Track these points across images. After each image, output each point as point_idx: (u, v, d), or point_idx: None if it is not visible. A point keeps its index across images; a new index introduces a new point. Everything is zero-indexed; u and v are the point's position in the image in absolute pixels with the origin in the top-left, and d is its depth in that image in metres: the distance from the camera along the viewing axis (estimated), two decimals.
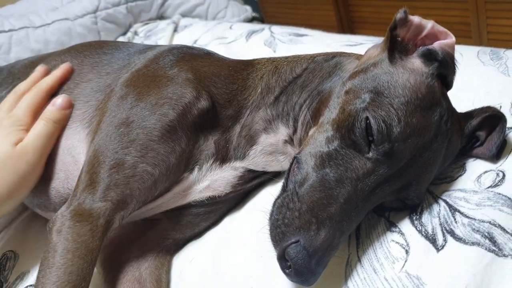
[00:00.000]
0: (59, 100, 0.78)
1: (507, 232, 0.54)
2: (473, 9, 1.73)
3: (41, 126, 0.76)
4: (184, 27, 1.62)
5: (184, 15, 1.86)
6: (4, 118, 0.79)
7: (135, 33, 1.74)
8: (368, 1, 2.12)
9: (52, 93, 0.83)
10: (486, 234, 0.55)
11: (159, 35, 1.61)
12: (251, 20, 2.06)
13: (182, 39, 1.53)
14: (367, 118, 0.56)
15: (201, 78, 0.71)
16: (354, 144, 0.57)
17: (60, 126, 0.77)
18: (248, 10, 2.07)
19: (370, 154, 0.56)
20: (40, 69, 0.88)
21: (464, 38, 1.75)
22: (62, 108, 0.78)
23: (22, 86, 0.84)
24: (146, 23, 1.80)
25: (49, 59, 0.92)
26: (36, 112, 0.79)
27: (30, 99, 0.80)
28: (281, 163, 0.73)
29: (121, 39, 1.74)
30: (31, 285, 0.76)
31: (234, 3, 2.05)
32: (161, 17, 1.88)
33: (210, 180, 0.71)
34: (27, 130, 0.76)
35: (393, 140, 0.55)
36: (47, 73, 0.87)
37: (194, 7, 1.91)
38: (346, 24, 2.24)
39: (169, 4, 1.87)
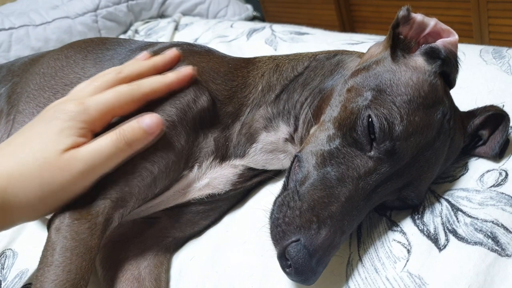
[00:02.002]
0: (148, 120, 0.60)
1: (510, 232, 0.54)
2: (475, 8, 1.73)
3: (107, 142, 0.58)
4: (185, 26, 1.62)
5: (185, 13, 1.86)
6: (76, 101, 0.60)
7: (136, 31, 1.74)
8: (370, 0, 2.12)
9: (151, 100, 0.65)
10: (489, 233, 0.54)
11: (160, 33, 1.61)
12: (252, 19, 2.06)
13: (183, 37, 1.53)
14: (369, 116, 0.56)
15: (200, 73, 0.71)
16: (355, 143, 0.56)
17: (132, 152, 0.60)
18: (249, 9, 2.07)
19: (372, 153, 0.56)
20: (170, 54, 0.70)
21: (466, 37, 1.75)
22: (148, 132, 0.60)
23: (132, 68, 0.67)
24: (147, 22, 1.80)
25: (50, 55, 0.91)
26: (114, 115, 0.62)
27: (117, 96, 0.61)
28: (282, 162, 0.72)
29: (121, 37, 1.74)
30: (30, 284, 0.75)
31: (235, 1, 2.05)
32: (161, 15, 1.88)
33: (210, 178, 0.70)
34: (91, 130, 0.60)
35: (395, 139, 0.55)
36: (175, 62, 0.71)
37: (195, 6, 1.91)
38: (347, 24, 2.24)
39: (170, 3, 1.87)
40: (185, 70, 0.67)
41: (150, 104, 0.65)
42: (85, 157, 0.57)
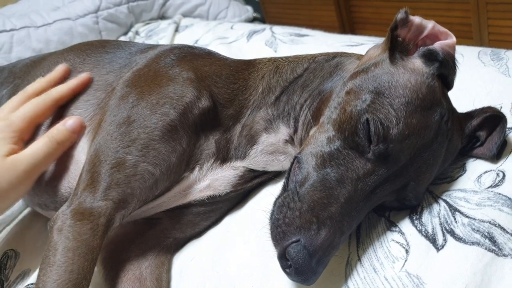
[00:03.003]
0: (71, 121, 0.72)
1: (507, 232, 0.55)
2: (474, 10, 1.73)
3: (42, 145, 0.69)
4: (185, 27, 1.63)
5: (185, 15, 1.86)
6: (1, 119, 0.73)
7: (136, 33, 1.74)
8: (369, 2, 2.12)
9: (62, 104, 0.77)
10: (486, 234, 0.55)
11: (160, 35, 1.62)
12: (252, 20, 2.06)
13: (183, 39, 1.53)
14: (367, 119, 0.56)
15: (202, 77, 0.71)
16: (355, 145, 0.57)
17: (63, 148, 0.72)
18: (249, 11, 2.07)
19: (369, 155, 0.56)
20: (60, 69, 0.82)
21: (465, 39, 1.75)
22: (72, 131, 0.72)
23: (34, 86, 0.79)
24: (147, 23, 1.81)
25: (51, 58, 0.92)
26: (36, 122, 0.74)
27: (34, 107, 0.74)
28: (282, 163, 0.73)
29: (122, 39, 1.75)
30: (32, 284, 0.76)
31: (235, 3, 2.05)
32: (162, 17, 1.89)
33: (211, 179, 0.71)
34: (21, 138, 0.71)
35: (389, 141, 0.55)
36: (66, 73, 0.83)
37: (195, 7, 1.92)
38: (347, 25, 2.24)
39: (170, 4, 1.88)
40: (83, 76, 0.79)
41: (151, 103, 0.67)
42: (26, 158, 0.68)
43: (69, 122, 0.72)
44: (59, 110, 0.79)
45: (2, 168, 0.66)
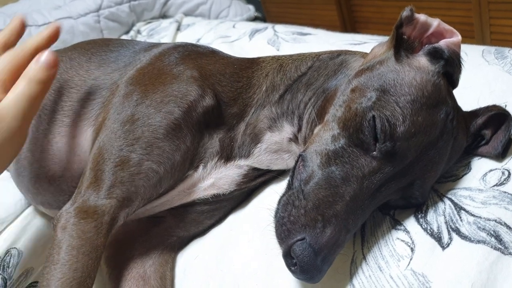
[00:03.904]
0: (43, 56, 0.65)
1: None
2: (476, 9, 1.73)
3: (22, 87, 0.63)
4: (187, 26, 1.63)
5: (187, 14, 1.86)
6: None
7: (138, 31, 1.74)
8: (371, 1, 2.12)
9: (39, 52, 0.68)
10: (492, 232, 0.55)
11: (162, 33, 1.61)
12: (254, 19, 2.06)
13: (185, 38, 1.53)
14: (373, 117, 0.56)
15: (206, 76, 0.71)
16: (360, 143, 0.57)
17: (46, 88, 0.65)
18: (251, 10, 2.07)
19: (375, 153, 0.56)
20: (16, 20, 0.75)
21: (467, 38, 1.74)
22: (47, 66, 0.65)
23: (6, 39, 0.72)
24: (149, 22, 1.80)
25: None
26: (18, 72, 0.66)
27: (11, 57, 0.67)
28: (286, 161, 0.73)
29: (124, 37, 1.74)
30: (35, 282, 0.76)
31: (237, 2, 2.05)
32: (164, 16, 1.89)
33: (215, 178, 0.71)
34: (5, 89, 0.64)
35: (396, 139, 0.55)
36: (22, 25, 0.75)
37: (197, 6, 1.92)
38: (349, 24, 2.24)
39: (172, 3, 1.87)
40: (53, 24, 0.73)
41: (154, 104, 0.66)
42: (10, 104, 0.61)
43: (42, 58, 0.65)
44: (66, 109, 0.77)
45: None
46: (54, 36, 0.73)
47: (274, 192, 0.64)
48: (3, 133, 0.60)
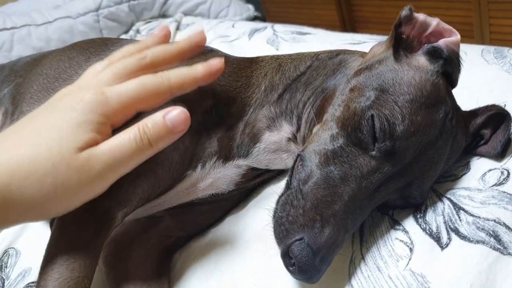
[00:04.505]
0: (174, 114, 0.53)
1: None
2: (476, 9, 1.73)
3: (127, 141, 0.51)
4: (187, 26, 1.63)
5: (186, 13, 1.86)
6: (95, 88, 0.53)
7: (137, 31, 1.74)
8: (371, 0, 2.12)
9: (177, 95, 0.58)
10: (491, 232, 0.55)
11: None
12: (253, 19, 2.06)
13: (185, 37, 1.53)
14: (372, 116, 0.56)
15: None
16: (359, 142, 0.57)
17: (155, 152, 0.54)
18: (250, 9, 2.07)
19: (374, 152, 0.56)
20: (196, 38, 0.63)
21: (467, 38, 1.75)
22: (173, 129, 0.53)
23: (156, 53, 0.60)
24: (148, 22, 1.80)
25: (52, 56, 0.91)
26: (136, 108, 0.55)
27: (143, 89, 0.54)
28: (285, 161, 0.72)
29: (123, 37, 1.74)
30: (33, 282, 0.76)
31: (237, 2, 2.05)
32: (163, 15, 1.89)
33: (213, 178, 0.71)
34: (111, 126, 0.53)
35: (395, 138, 0.55)
36: (199, 47, 0.64)
37: (196, 6, 1.92)
38: (348, 24, 2.24)
39: (171, 3, 1.87)
40: (215, 64, 0.59)
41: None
42: (104, 156, 0.51)
43: (171, 114, 0.53)
44: None
45: (71, 168, 0.49)
46: (210, 80, 0.60)
47: (272, 192, 0.64)
48: (81, 185, 0.50)
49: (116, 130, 0.54)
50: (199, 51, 0.64)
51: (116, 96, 0.53)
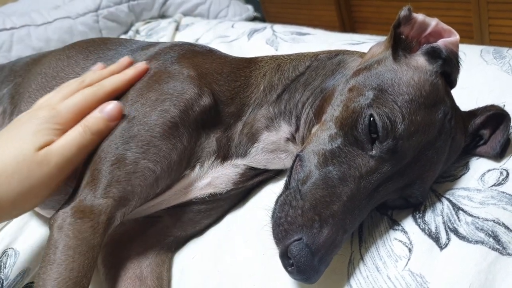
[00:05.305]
0: (109, 107, 0.66)
1: (511, 231, 0.54)
2: (475, 9, 1.73)
3: (75, 135, 0.64)
4: (186, 26, 1.62)
5: (185, 14, 1.86)
6: (47, 108, 0.66)
7: (137, 31, 1.74)
8: (370, 1, 2.12)
9: (115, 96, 0.70)
10: (490, 232, 0.55)
11: (161, 33, 1.61)
12: (253, 19, 2.06)
13: (184, 37, 1.53)
14: (371, 115, 0.56)
15: (203, 75, 0.71)
16: (357, 142, 0.57)
17: (99, 139, 0.65)
18: (249, 10, 2.07)
19: (374, 152, 0.56)
20: (124, 62, 0.76)
21: (466, 38, 1.74)
22: (109, 118, 0.65)
23: (93, 76, 0.73)
24: (148, 22, 1.80)
25: (52, 55, 0.91)
26: (84, 115, 0.67)
27: (84, 98, 0.67)
28: (283, 161, 0.72)
29: (123, 37, 1.74)
30: (31, 283, 0.76)
31: (236, 2, 2.05)
32: (162, 15, 1.88)
33: (212, 177, 0.71)
34: (64, 131, 0.64)
35: (398, 137, 0.55)
36: (127, 67, 0.75)
37: (195, 6, 1.91)
38: (348, 24, 2.24)
39: (170, 3, 1.87)
40: (141, 65, 0.73)
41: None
42: (58, 150, 0.62)
43: (106, 108, 0.66)
44: None
45: (32, 163, 0.60)
46: (135, 80, 0.72)
47: (271, 192, 0.64)
48: (42, 177, 0.61)
49: None
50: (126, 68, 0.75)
51: (65, 108, 0.66)
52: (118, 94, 0.70)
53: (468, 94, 0.76)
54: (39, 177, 0.61)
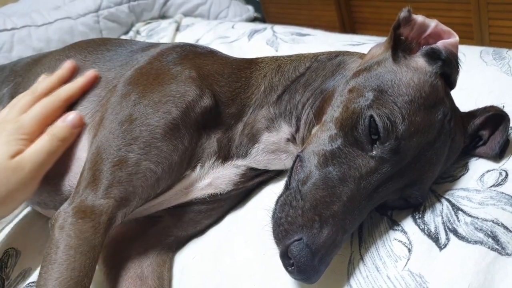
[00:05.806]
0: (71, 116, 0.73)
1: (510, 231, 0.54)
2: (475, 10, 1.73)
3: (44, 142, 0.71)
4: (186, 27, 1.63)
5: (186, 14, 1.86)
6: (11, 121, 0.73)
7: (137, 32, 1.75)
8: (370, 2, 2.12)
9: (71, 103, 0.78)
10: (489, 232, 0.55)
11: (161, 34, 1.62)
12: (253, 20, 2.06)
13: (184, 38, 1.53)
14: (371, 116, 0.56)
15: (205, 76, 0.71)
16: (357, 142, 0.57)
17: (65, 145, 0.73)
18: (250, 10, 2.08)
19: (374, 152, 0.56)
20: (67, 66, 0.83)
21: (466, 39, 1.75)
22: (72, 126, 0.73)
23: (43, 85, 0.79)
24: (148, 22, 1.81)
25: (52, 56, 0.92)
26: (46, 123, 0.74)
27: (43, 108, 0.74)
28: (284, 162, 0.73)
29: (123, 38, 1.74)
30: (33, 282, 0.76)
31: (236, 3, 2.05)
32: (163, 16, 1.89)
33: (212, 177, 0.71)
34: (31, 140, 0.71)
35: (400, 137, 0.55)
36: (74, 70, 0.83)
37: (196, 7, 1.92)
38: (348, 25, 2.24)
39: (171, 4, 1.88)
40: (90, 73, 0.79)
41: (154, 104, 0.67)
42: (31, 157, 0.69)
43: (68, 118, 0.73)
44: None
45: (8, 170, 0.67)
46: (88, 87, 0.78)
47: (272, 192, 0.64)
48: (18, 182, 0.68)
49: None
50: (74, 74, 0.82)
51: (28, 119, 0.73)
52: (73, 101, 0.77)
53: (467, 95, 0.76)
54: (15, 182, 0.67)
